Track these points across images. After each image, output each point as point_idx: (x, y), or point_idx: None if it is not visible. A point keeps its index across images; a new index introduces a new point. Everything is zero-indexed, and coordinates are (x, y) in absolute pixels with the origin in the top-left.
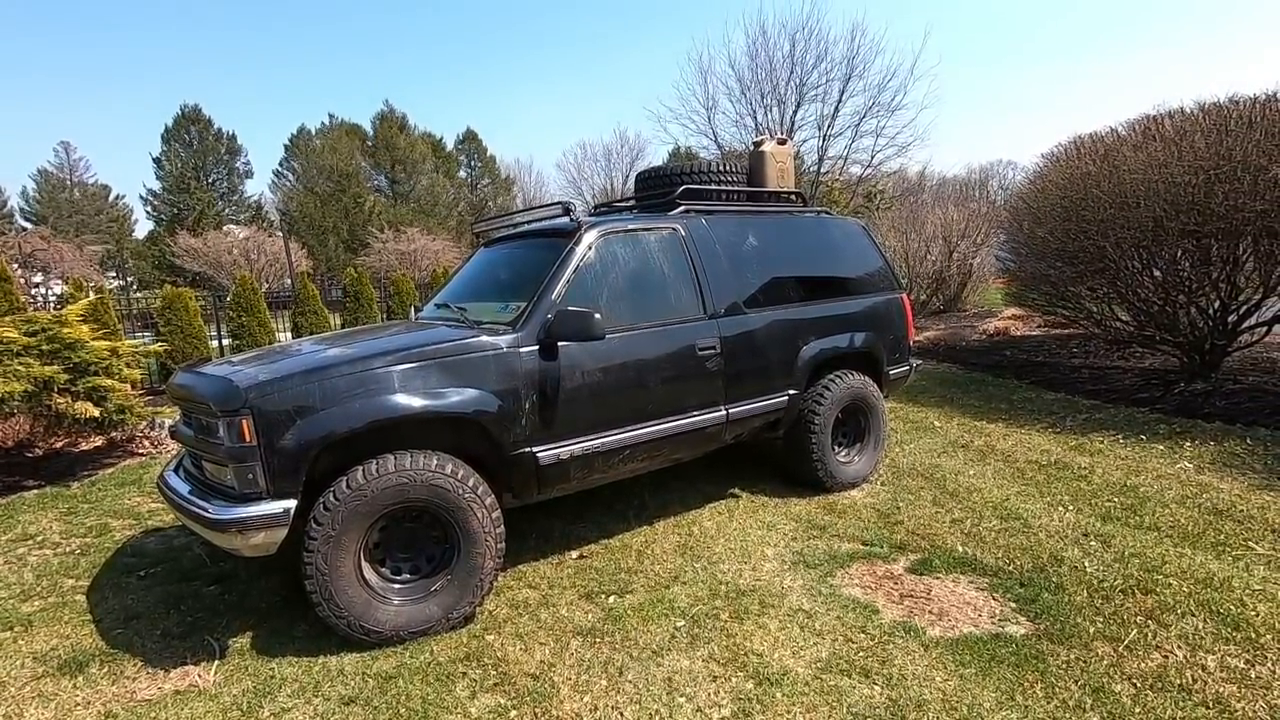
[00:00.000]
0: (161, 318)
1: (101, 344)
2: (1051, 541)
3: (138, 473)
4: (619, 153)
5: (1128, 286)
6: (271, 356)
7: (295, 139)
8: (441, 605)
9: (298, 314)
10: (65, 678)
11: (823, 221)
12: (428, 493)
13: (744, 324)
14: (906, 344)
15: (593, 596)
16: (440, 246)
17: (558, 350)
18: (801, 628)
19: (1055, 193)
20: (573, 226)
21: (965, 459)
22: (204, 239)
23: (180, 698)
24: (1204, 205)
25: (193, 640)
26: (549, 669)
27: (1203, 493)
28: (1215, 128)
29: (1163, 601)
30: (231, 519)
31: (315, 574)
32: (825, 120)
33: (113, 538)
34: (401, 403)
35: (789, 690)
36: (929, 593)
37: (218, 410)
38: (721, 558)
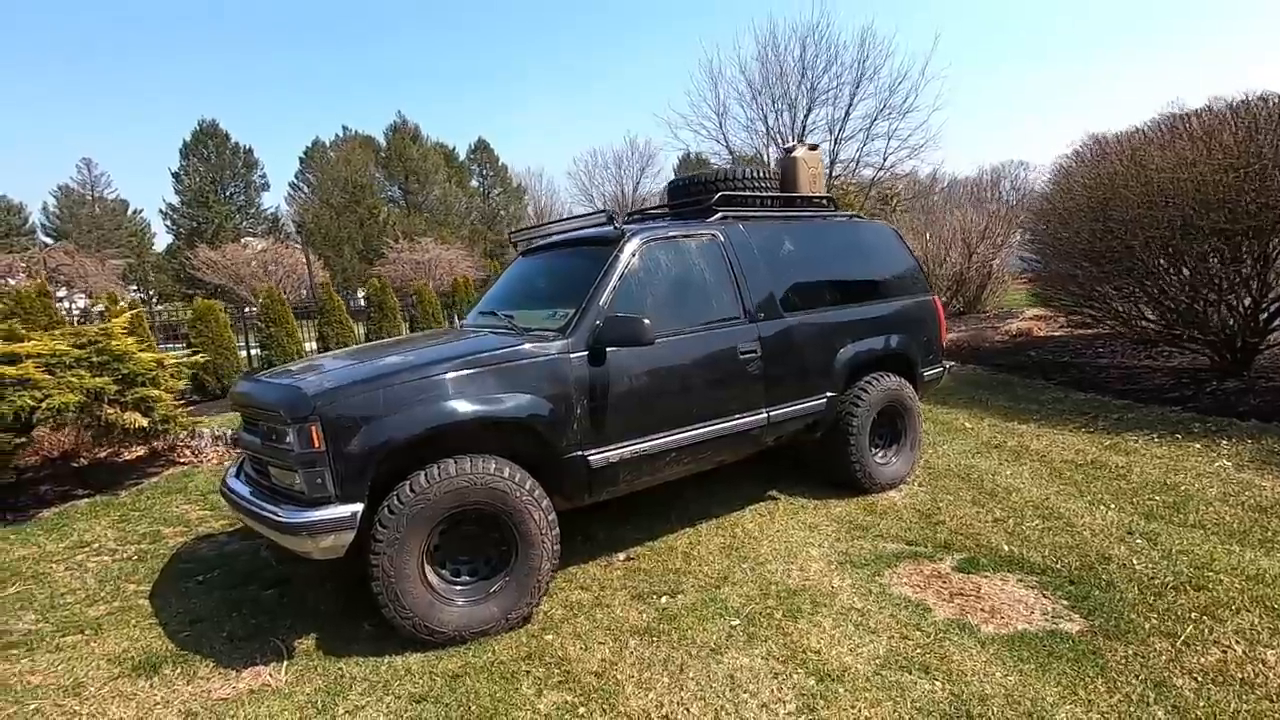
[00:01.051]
0: (193, 329)
1: (147, 355)
2: (1097, 540)
3: (182, 481)
4: (629, 160)
5: (1156, 285)
6: (330, 365)
7: (310, 151)
8: (501, 606)
9: (323, 324)
10: (141, 678)
11: (855, 225)
12: (487, 496)
13: (783, 327)
14: (939, 346)
15: (644, 597)
16: (454, 256)
17: (606, 356)
18: (856, 626)
19: (1082, 193)
20: (616, 234)
21: (1000, 459)
22: (223, 252)
23: (255, 697)
24: (1234, 203)
25: (259, 642)
26: (611, 667)
27: (1245, 490)
28: (1245, 125)
29: (1216, 598)
30: (302, 523)
31: (381, 575)
32: (837, 124)
33: (167, 544)
34: (460, 408)
35: (851, 686)
36: (979, 591)
37: (287, 417)
38: (767, 558)
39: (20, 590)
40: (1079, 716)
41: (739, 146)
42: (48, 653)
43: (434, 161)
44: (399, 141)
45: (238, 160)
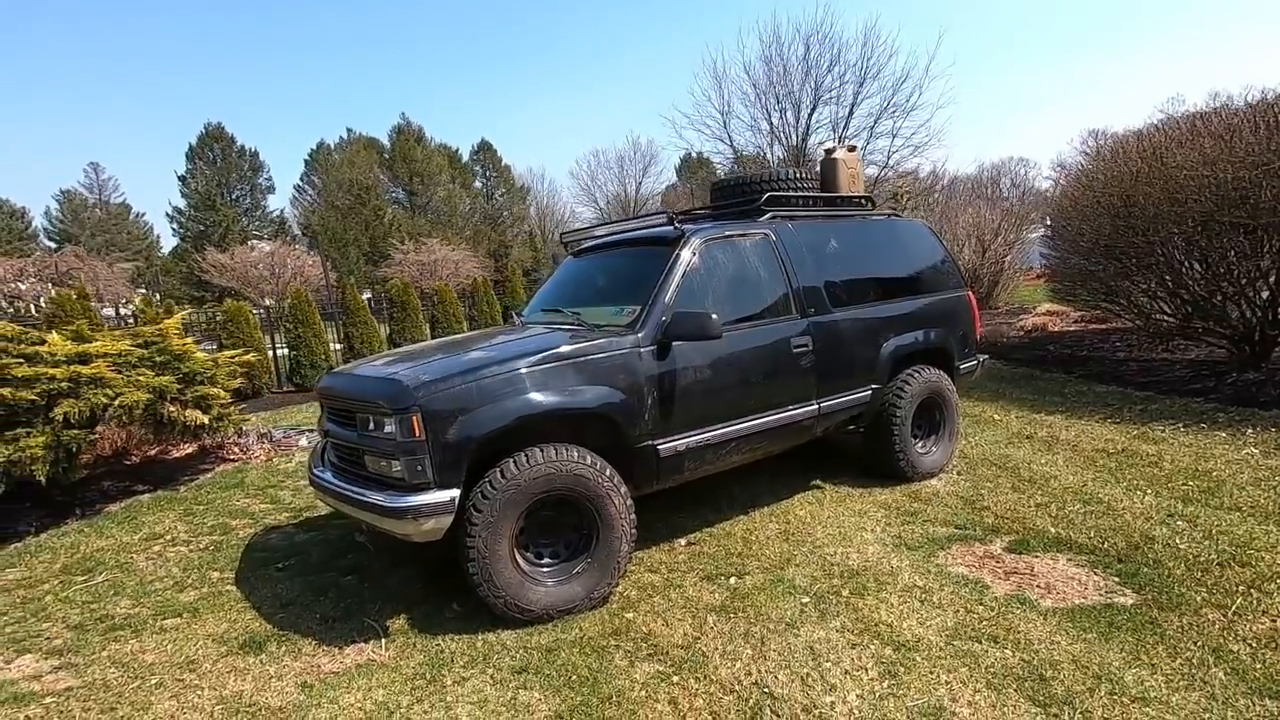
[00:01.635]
0: (224, 330)
1: (203, 355)
2: (1139, 522)
3: (236, 477)
4: (632, 160)
5: (1176, 280)
6: (415, 359)
7: (315, 154)
8: (584, 586)
9: (348, 324)
10: (249, 655)
11: (893, 223)
12: (572, 482)
13: (831, 322)
14: (974, 339)
15: (713, 578)
16: (460, 257)
17: (672, 350)
18: (921, 602)
19: (1104, 190)
20: (677, 234)
21: (1033, 449)
22: (231, 254)
23: (364, 670)
24: (1255, 199)
25: (353, 622)
26: (694, 641)
27: (1275, 475)
28: (1265, 124)
29: (1260, 573)
30: (407, 507)
31: (477, 557)
32: (840, 122)
33: (237, 535)
34: (546, 400)
35: (927, 655)
36: (1032, 570)
37: (389, 408)
38: (824, 542)
39: (109, 579)
40: (1144, 678)
41: (743, 146)
42: (153, 634)
43: (438, 163)
44: (403, 143)
45: (244, 163)
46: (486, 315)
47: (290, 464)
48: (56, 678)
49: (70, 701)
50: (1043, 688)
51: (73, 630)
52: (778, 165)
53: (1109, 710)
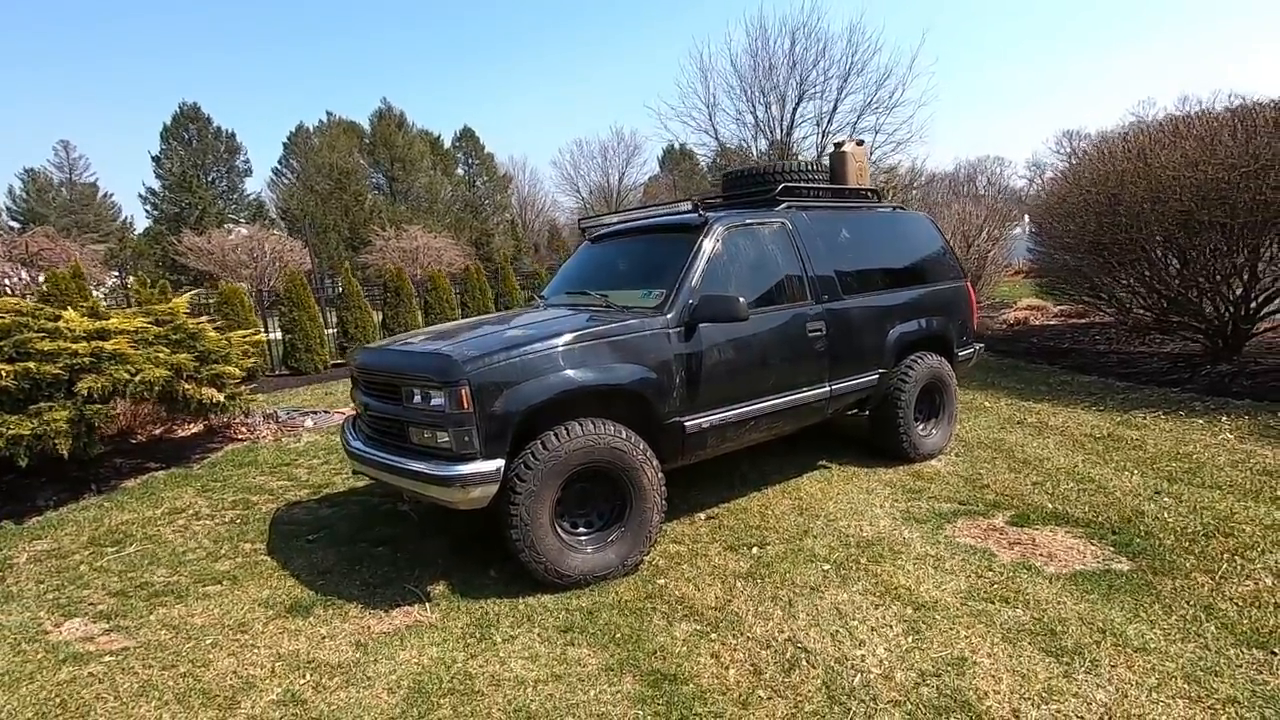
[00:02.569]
0: (219, 313)
1: (215, 334)
2: (1128, 499)
3: (249, 456)
4: (615, 150)
5: (1156, 276)
6: (453, 336)
7: (294, 137)
8: (618, 553)
9: (343, 309)
10: (298, 618)
11: (897, 215)
12: (609, 454)
13: (843, 308)
14: (972, 328)
15: (736, 549)
16: (442, 244)
17: (698, 331)
18: (934, 568)
19: (1090, 189)
20: (700, 221)
21: (1024, 434)
22: (209, 238)
23: (414, 630)
24: (1233, 200)
25: (394, 588)
26: (726, 603)
27: (1250, 458)
28: (1244, 128)
29: (1242, 542)
30: (455, 475)
31: (519, 524)
32: (825, 117)
33: (260, 510)
34: (585, 376)
35: (945, 614)
36: (1034, 541)
37: (439, 381)
38: (837, 516)
39: (140, 549)
40: (1144, 632)
41: (727, 138)
42: (197, 600)
43: (419, 149)
44: (384, 128)
45: (220, 145)
46: (479, 302)
47: (300, 444)
48: (110, 639)
49: (130, 660)
50: (1053, 641)
51: (115, 597)
52: (761, 158)
53: (1115, 659)
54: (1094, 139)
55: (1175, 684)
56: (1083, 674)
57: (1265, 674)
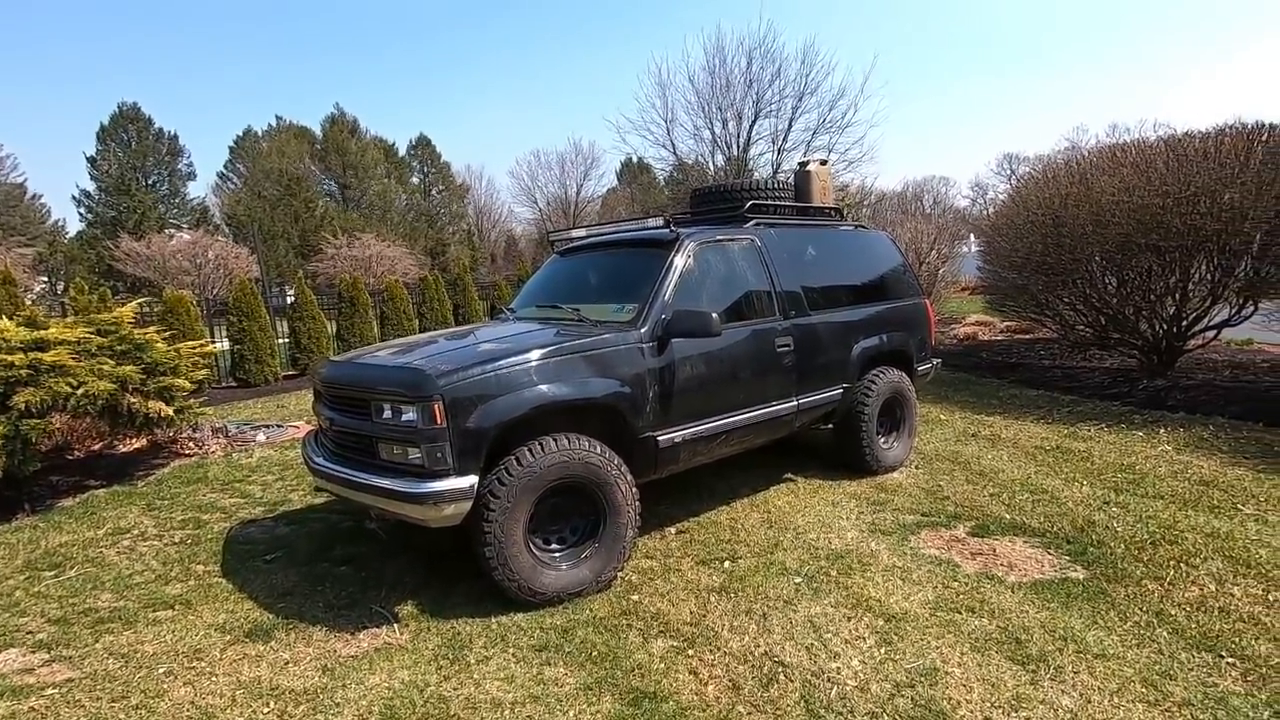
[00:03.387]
0: (163, 322)
1: (164, 345)
2: (1080, 509)
3: (198, 472)
4: (573, 162)
5: (1097, 295)
6: (422, 349)
7: (241, 141)
8: (592, 570)
9: (295, 319)
10: (258, 643)
11: (860, 233)
12: (584, 470)
13: (809, 324)
14: (930, 343)
15: (708, 563)
16: (396, 253)
17: (670, 346)
18: (902, 579)
19: (1037, 211)
20: (672, 236)
21: (979, 446)
22: (148, 243)
23: (383, 653)
24: (1167, 224)
25: (360, 610)
26: (701, 618)
27: (1188, 469)
28: (1175, 157)
29: (1186, 550)
30: (428, 493)
31: (493, 541)
32: (780, 135)
33: (212, 529)
34: (558, 391)
35: (916, 624)
36: (994, 551)
37: (411, 396)
38: (805, 529)
39: (81, 573)
40: (1103, 638)
41: (685, 153)
42: (147, 626)
43: (373, 156)
44: (336, 134)
45: (161, 147)
46: (438, 313)
47: (252, 459)
48: (52, 670)
49: (75, 692)
50: (1019, 649)
51: (55, 624)
52: (718, 173)
53: (1077, 666)
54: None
55: (1134, 688)
56: (1048, 681)
57: (1215, 676)
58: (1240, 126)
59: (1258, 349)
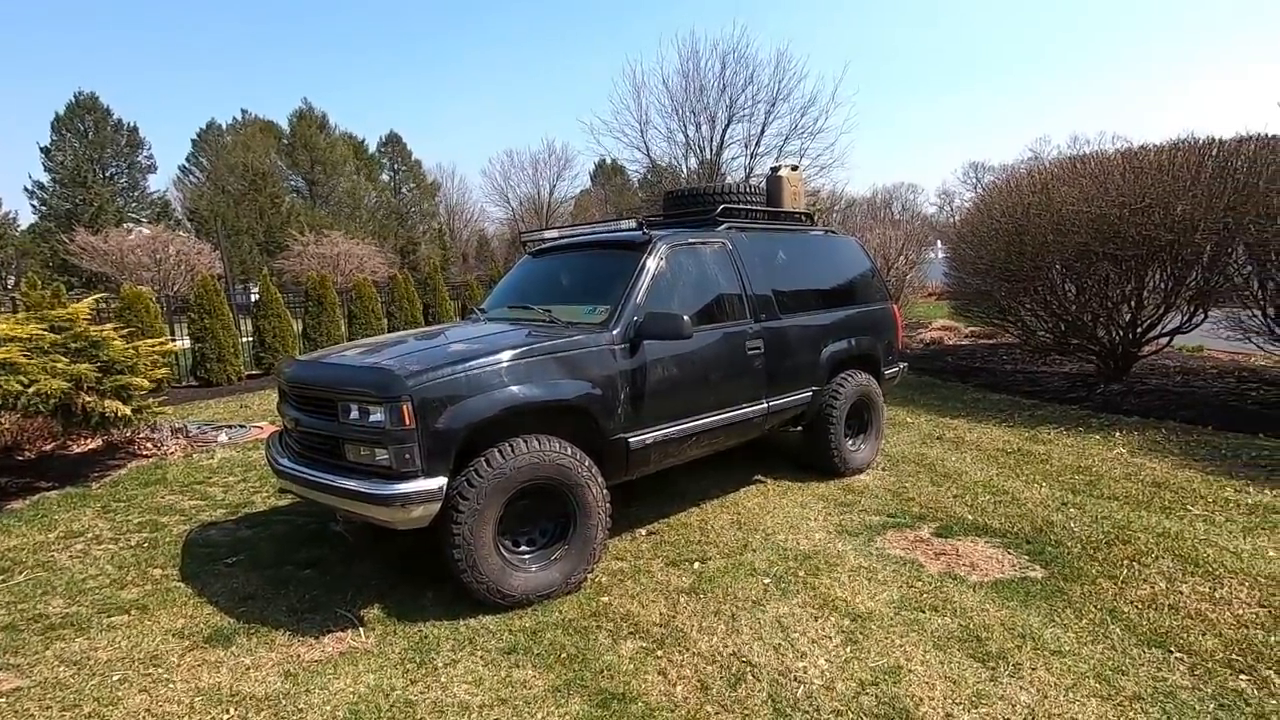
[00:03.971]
0: (121, 319)
1: (121, 343)
2: (1039, 510)
3: (155, 473)
4: (546, 162)
5: (1057, 301)
6: (390, 349)
7: (204, 134)
8: (562, 571)
9: (260, 318)
10: (218, 648)
11: (830, 238)
12: (554, 471)
13: (780, 327)
14: (897, 347)
15: (678, 564)
16: (365, 251)
17: (642, 348)
18: (868, 580)
19: (1000, 219)
20: (645, 238)
21: (944, 449)
22: (105, 237)
23: (348, 657)
24: (1123, 234)
25: (324, 613)
26: (671, 619)
27: (1141, 471)
28: (1131, 169)
29: (1138, 550)
30: (395, 494)
31: (462, 543)
32: (753, 139)
33: (171, 532)
34: (529, 392)
35: (880, 624)
36: (957, 551)
37: (379, 396)
38: (774, 530)
39: (31, 578)
40: (1059, 635)
41: (659, 156)
42: (101, 632)
43: (342, 152)
44: (304, 129)
45: (120, 138)
46: (407, 312)
47: (213, 460)
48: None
49: (25, 702)
50: (980, 647)
51: (3, 631)
52: (691, 176)
53: (1035, 662)
54: (998, 171)
55: (1088, 684)
56: (1007, 677)
57: (1165, 671)
58: (1192, 141)
59: (1207, 355)
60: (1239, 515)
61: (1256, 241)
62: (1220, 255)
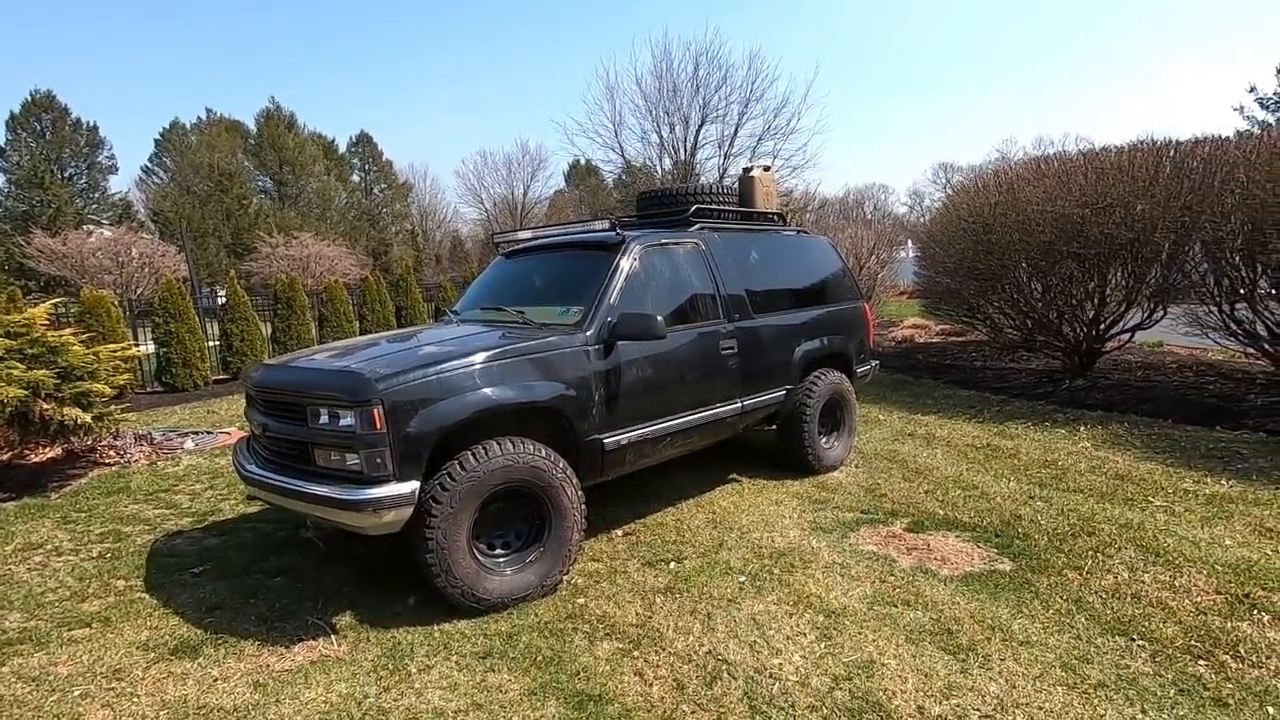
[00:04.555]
0: (81, 323)
1: (81, 348)
2: (1007, 504)
3: (118, 482)
4: (520, 163)
5: (1024, 299)
6: (360, 352)
7: (168, 134)
8: (538, 574)
9: (228, 321)
10: (184, 660)
11: (801, 238)
12: (528, 474)
13: (753, 327)
14: (869, 345)
15: (654, 564)
16: (336, 253)
17: (616, 349)
18: (841, 575)
19: (968, 218)
20: (618, 239)
21: (915, 445)
22: (64, 239)
23: (320, 666)
24: (1086, 233)
25: (295, 622)
26: (647, 619)
27: (1104, 464)
28: (1093, 170)
29: (1103, 540)
30: (367, 499)
31: (435, 548)
32: (726, 140)
33: (135, 542)
34: (502, 394)
35: (854, 619)
36: (929, 546)
37: (349, 400)
38: (749, 529)
39: None
40: (1027, 626)
41: (633, 156)
42: (61, 646)
43: (311, 152)
44: (271, 129)
45: (79, 138)
46: (379, 315)
47: (179, 467)
48: None
49: None
50: (951, 639)
51: None
52: (666, 177)
53: (1003, 653)
54: (966, 171)
55: (1054, 673)
56: (977, 669)
57: (1127, 659)
58: (1151, 143)
59: (1167, 350)
60: (1197, 506)
61: (1212, 240)
62: (1178, 253)
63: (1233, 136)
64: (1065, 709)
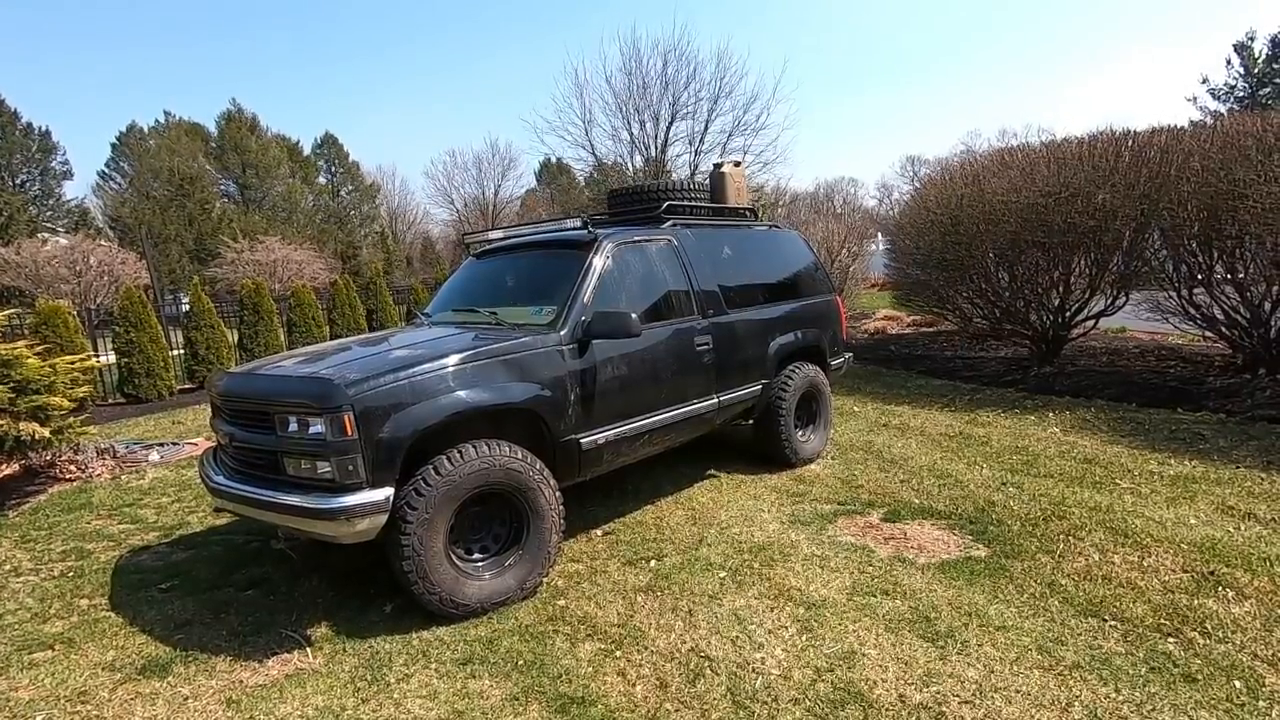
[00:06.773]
0: (37, 334)
1: (36, 361)
2: (981, 491)
3: (80, 498)
4: (490, 162)
5: (991, 289)
6: (329, 358)
7: (125, 138)
8: (516, 577)
9: (191, 329)
10: (152, 679)
11: (773, 233)
12: (505, 476)
13: (727, 322)
14: (842, 338)
15: (634, 563)
16: (304, 257)
17: (591, 348)
18: (821, 567)
19: (936, 210)
20: (590, 237)
21: (890, 435)
22: (17, 248)
23: (295, 679)
24: (1050, 223)
25: (268, 635)
26: (628, 619)
27: (1073, 449)
28: (1055, 160)
29: (1073, 524)
30: (339, 508)
31: (411, 555)
32: (697, 137)
33: (99, 559)
34: (476, 397)
35: (834, 610)
36: (905, 535)
37: (317, 407)
38: (729, 524)
39: None
40: (1003, 611)
41: (604, 154)
42: (22, 670)
43: (275, 155)
44: (234, 131)
45: (31, 144)
46: (350, 319)
47: (144, 481)
48: None
49: None
50: (929, 627)
51: None
52: (637, 174)
53: (981, 639)
54: (933, 164)
55: (1031, 656)
56: (956, 655)
57: (1100, 639)
58: (1110, 133)
59: (1130, 336)
60: (1163, 487)
61: (1170, 227)
62: (1139, 241)
63: (1188, 126)
64: (1042, 691)
